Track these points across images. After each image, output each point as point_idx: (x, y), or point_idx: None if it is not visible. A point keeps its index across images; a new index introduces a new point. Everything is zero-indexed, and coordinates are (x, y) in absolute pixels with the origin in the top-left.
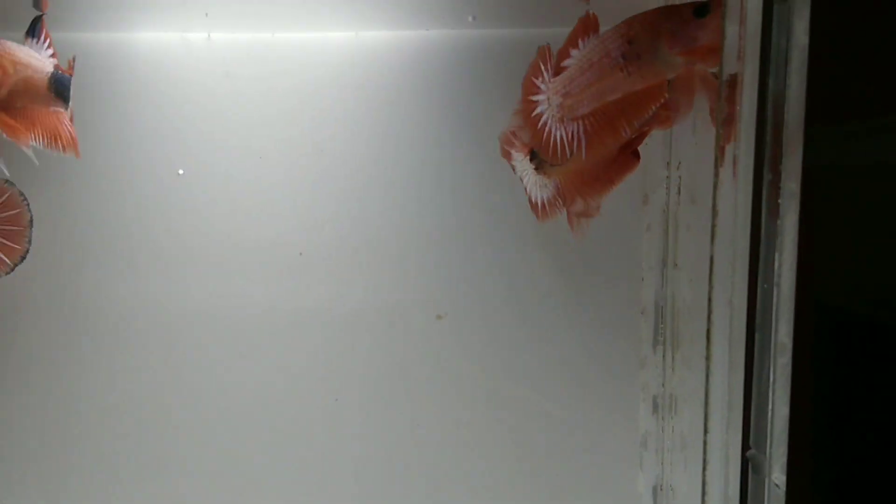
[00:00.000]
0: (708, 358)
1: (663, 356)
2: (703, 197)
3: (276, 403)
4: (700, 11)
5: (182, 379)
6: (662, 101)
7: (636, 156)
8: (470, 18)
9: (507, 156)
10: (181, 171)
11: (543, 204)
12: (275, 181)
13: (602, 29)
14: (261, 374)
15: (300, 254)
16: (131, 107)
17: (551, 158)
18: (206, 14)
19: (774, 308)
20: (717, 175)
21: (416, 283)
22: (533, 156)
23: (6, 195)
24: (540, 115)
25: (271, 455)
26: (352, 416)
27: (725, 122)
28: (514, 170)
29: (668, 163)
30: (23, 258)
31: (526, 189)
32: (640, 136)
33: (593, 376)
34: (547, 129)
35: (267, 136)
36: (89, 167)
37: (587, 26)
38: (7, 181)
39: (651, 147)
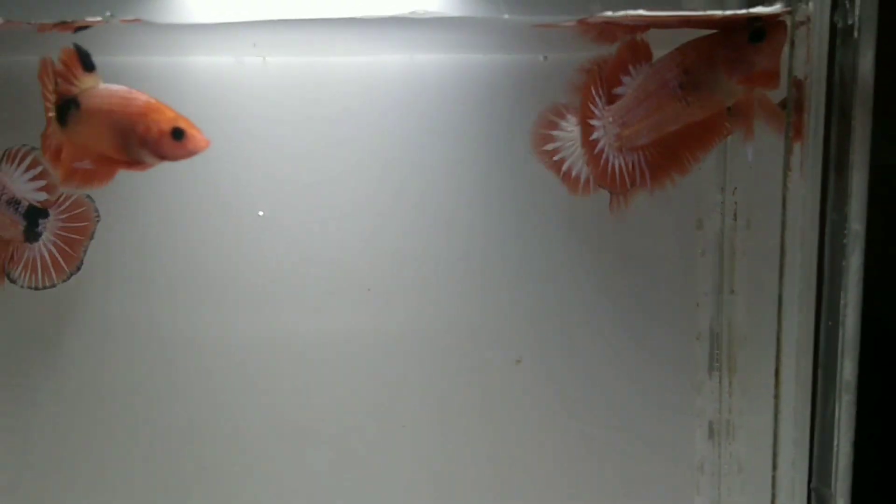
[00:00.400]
0: (777, 397)
1: (719, 381)
2: (759, 222)
3: (344, 438)
4: (756, 37)
5: (256, 408)
6: (725, 133)
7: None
8: (542, 58)
9: (551, 126)
10: (261, 213)
11: (586, 179)
12: (334, 208)
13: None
14: (327, 405)
15: (368, 289)
16: None
17: (610, 186)
18: (254, 44)
19: (840, 345)
20: (784, 213)
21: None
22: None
23: (82, 208)
24: (597, 142)
25: (346, 486)
26: (418, 448)
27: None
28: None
29: (722, 188)
30: (78, 268)
31: (565, 161)
32: None
33: (649, 402)
34: (604, 156)
35: (323, 161)
36: (145, 192)
37: (637, 53)
38: (87, 196)
39: (704, 171)
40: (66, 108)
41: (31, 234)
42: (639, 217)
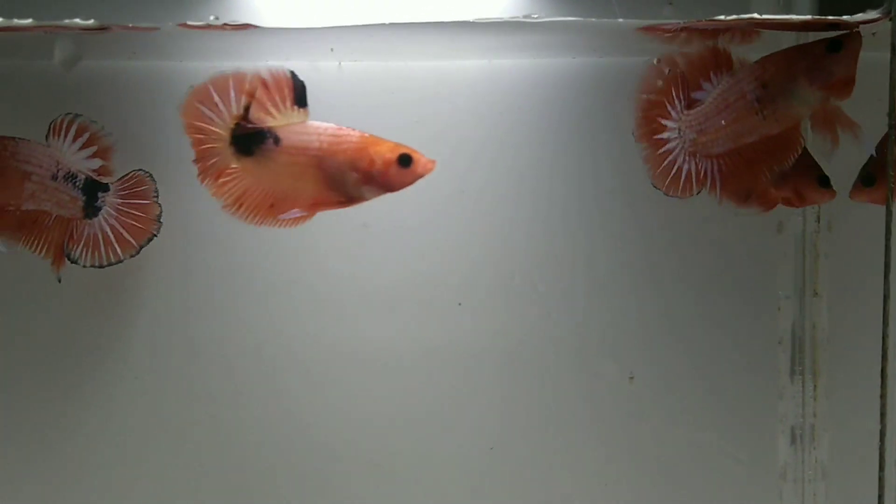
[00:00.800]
0: (883, 396)
1: (802, 386)
2: (841, 224)
3: (428, 449)
4: (834, 47)
5: (343, 418)
6: (799, 149)
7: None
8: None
9: (651, 119)
10: (365, 224)
11: (687, 177)
12: (420, 216)
13: None
14: (414, 416)
15: (459, 304)
16: None
17: (670, 189)
18: (332, 49)
19: None
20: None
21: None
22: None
23: (143, 186)
24: (666, 142)
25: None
26: (508, 467)
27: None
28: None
29: None
30: (149, 240)
31: (672, 154)
32: None
33: (731, 407)
34: (672, 158)
35: None
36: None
37: (719, 61)
38: (149, 175)
39: None
40: (258, 138)
41: (91, 210)
42: (719, 222)
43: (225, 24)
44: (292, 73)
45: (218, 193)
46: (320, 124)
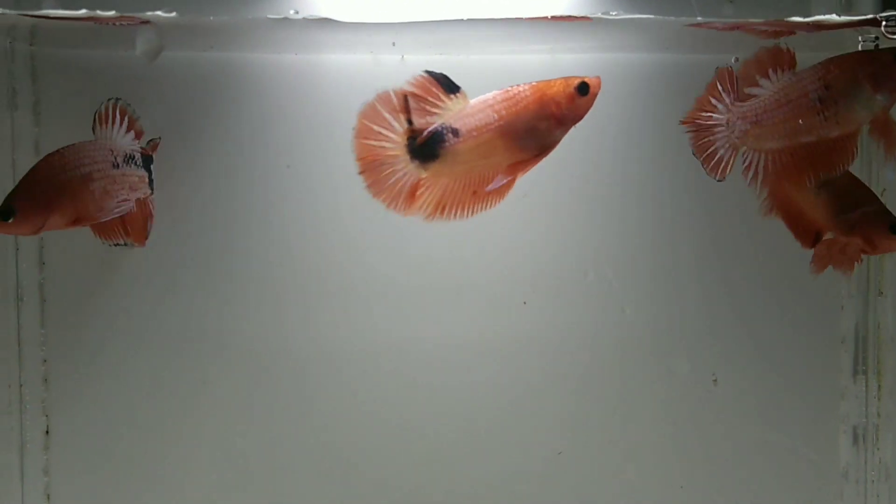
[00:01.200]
0: None
1: (865, 386)
2: None
3: (492, 452)
4: None
5: (403, 417)
6: (852, 159)
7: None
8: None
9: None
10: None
11: (724, 165)
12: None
13: None
14: (478, 417)
15: (524, 302)
16: (322, 130)
17: (713, 173)
18: (394, 43)
19: None
20: None
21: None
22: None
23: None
24: (711, 131)
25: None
26: (571, 474)
27: None
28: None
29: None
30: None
31: (714, 144)
32: None
33: (792, 407)
34: (714, 147)
35: None
36: (282, 188)
37: (780, 59)
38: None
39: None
40: (437, 139)
41: (153, 184)
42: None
43: (297, 13)
44: (428, 71)
45: (412, 209)
46: (485, 97)
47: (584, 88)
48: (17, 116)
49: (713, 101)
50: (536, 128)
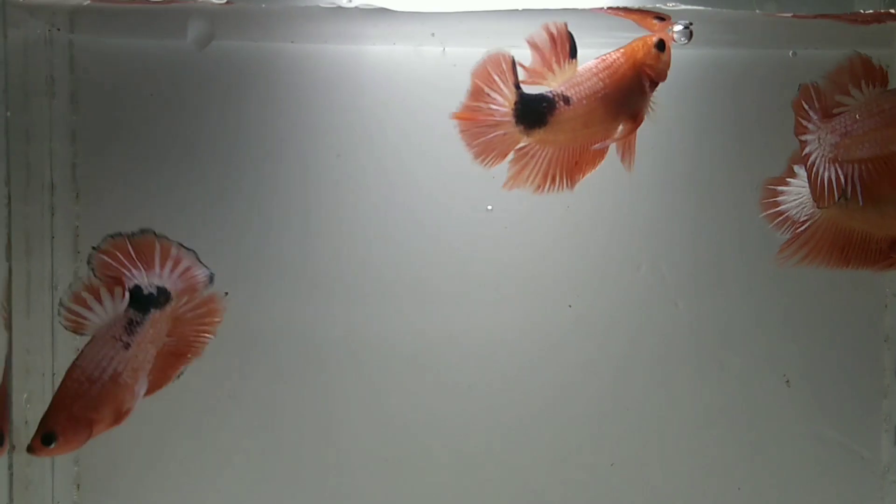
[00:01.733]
0: None
1: None
2: None
3: (527, 457)
4: None
5: (444, 414)
6: None
7: None
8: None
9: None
10: (490, 208)
11: (829, 187)
12: (525, 205)
13: None
14: (520, 417)
15: (570, 306)
16: (357, 121)
17: (818, 201)
18: (433, 34)
19: None
20: None
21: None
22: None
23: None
24: (809, 156)
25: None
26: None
27: None
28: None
29: None
30: None
31: (815, 164)
32: None
33: (835, 406)
34: (815, 168)
35: None
36: (321, 181)
37: (872, 74)
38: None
39: None
40: (548, 106)
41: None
42: None
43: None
44: (565, 24)
45: (518, 180)
46: (588, 64)
47: (661, 45)
48: (54, 105)
49: (802, 121)
50: (633, 92)
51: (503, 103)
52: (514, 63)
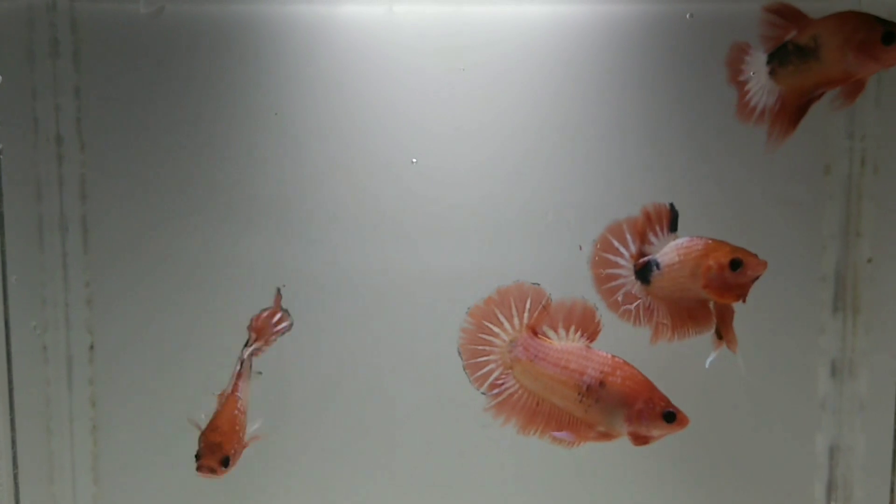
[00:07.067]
0: None
1: (843, 322)
2: (886, 168)
3: None
4: None
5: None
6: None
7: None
8: (688, 16)
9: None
10: (414, 160)
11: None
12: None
13: None
14: None
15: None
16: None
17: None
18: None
19: None
20: None
21: None
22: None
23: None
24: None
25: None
26: None
27: None
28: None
29: (850, 134)
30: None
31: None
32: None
33: (773, 341)
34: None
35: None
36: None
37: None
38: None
39: (835, 119)
40: (648, 269)
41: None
42: (769, 162)
43: None
44: (671, 204)
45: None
46: (679, 241)
47: (735, 264)
48: (58, 64)
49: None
50: (696, 281)
51: (626, 265)
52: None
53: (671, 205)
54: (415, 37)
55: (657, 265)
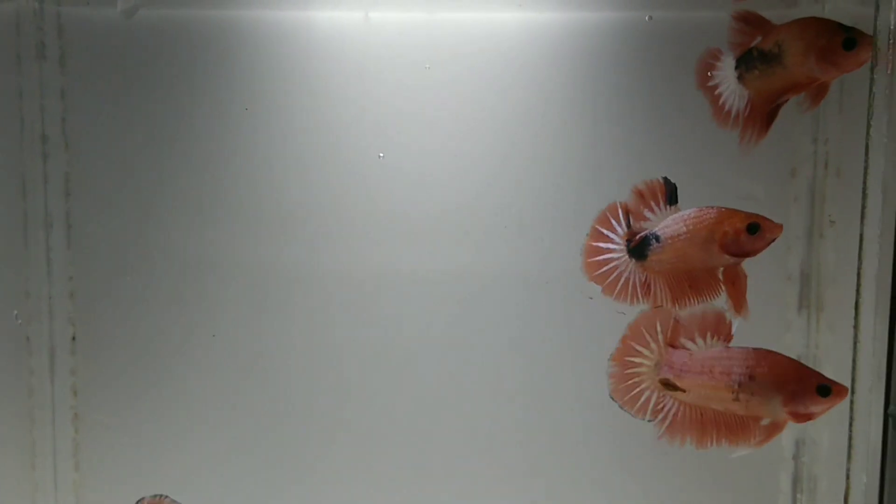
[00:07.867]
0: (856, 327)
1: (808, 319)
2: (848, 171)
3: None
4: None
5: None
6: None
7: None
8: (647, 18)
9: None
10: (381, 155)
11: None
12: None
13: None
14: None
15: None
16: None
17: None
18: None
19: None
20: (867, 159)
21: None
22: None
23: None
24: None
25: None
26: None
27: None
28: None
29: (815, 138)
30: None
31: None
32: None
33: (742, 337)
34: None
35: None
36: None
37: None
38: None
39: (801, 123)
40: (645, 244)
41: None
42: (735, 165)
43: None
44: (665, 178)
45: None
46: (683, 212)
47: (753, 228)
48: (44, 67)
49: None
50: (710, 246)
51: (619, 243)
52: (627, 211)
53: (665, 178)
54: (389, 44)
55: (656, 238)
